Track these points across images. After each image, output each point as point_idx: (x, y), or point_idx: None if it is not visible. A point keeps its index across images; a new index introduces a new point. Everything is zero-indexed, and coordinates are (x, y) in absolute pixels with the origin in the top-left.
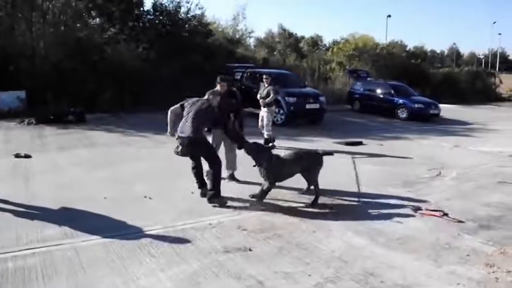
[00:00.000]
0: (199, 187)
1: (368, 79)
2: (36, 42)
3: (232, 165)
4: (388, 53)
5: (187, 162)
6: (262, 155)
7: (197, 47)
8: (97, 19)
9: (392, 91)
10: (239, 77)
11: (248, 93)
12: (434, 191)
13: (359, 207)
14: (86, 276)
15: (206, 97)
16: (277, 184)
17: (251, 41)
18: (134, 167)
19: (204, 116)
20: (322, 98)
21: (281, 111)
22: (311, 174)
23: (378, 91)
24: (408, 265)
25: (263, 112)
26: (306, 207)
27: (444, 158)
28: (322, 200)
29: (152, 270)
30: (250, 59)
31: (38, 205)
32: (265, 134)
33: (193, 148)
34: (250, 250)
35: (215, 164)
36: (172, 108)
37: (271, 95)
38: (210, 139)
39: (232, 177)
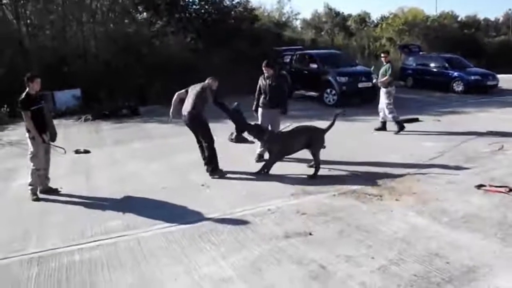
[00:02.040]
0: (205, 164)
1: (420, 53)
2: (87, 41)
3: None
4: (440, 25)
5: (242, 149)
6: (263, 132)
7: (244, 34)
8: (144, 13)
9: (446, 64)
10: (288, 60)
11: (299, 76)
12: (497, 166)
13: (419, 186)
14: (149, 266)
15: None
16: (333, 166)
17: (298, 23)
18: (189, 157)
19: (200, 96)
20: (374, 76)
21: (333, 92)
22: (311, 150)
23: (431, 65)
24: (474, 245)
25: (381, 94)
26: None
27: (506, 131)
28: (381, 179)
29: (213, 258)
30: (298, 41)
31: (99, 198)
32: (389, 117)
33: (193, 123)
34: (310, 234)
35: (210, 140)
36: (178, 92)
37: (388, 74)
38: (260, 119)
39: (262, 157)
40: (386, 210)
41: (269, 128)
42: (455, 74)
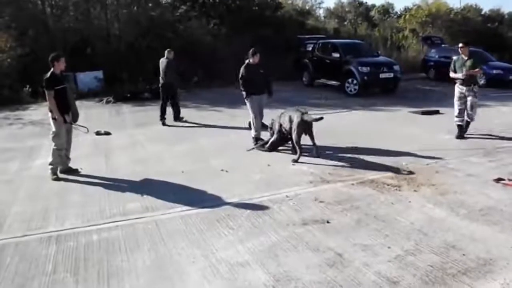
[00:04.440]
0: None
1: (443, 45)
2: (111, 23)
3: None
4: (463, 18)
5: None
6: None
7: (267, 21)
8: None
9: None
10: (310, 48)
11: (321, 65)
12: None
13: (438, 178)
14: (166, 248)
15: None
16: (351, 155)
17: (321, 12)
18: (210, 141)
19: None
20: (396, 67)
21: (354, 81)
22: (292, 134)
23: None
24: (492, 238)
25: (468, 94)
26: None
27: None
28: (400, 170)
29: (231, 242)
30: (320, 30)
31: (119, 180)
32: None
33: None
34: (328, 222)
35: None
36: None
37: (478, 67)
38: (249, 106)
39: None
40: (404, 200)
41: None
42: None
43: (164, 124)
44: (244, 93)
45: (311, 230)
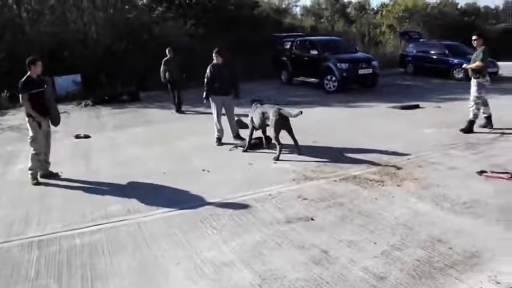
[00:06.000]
0: None
1: (421, 40)
2: (88, 27)
3: (234, 128)
4: (440, 12)
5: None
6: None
7: (244, 20)
8: None
9: (447, 51)
10: (288, 46)
11: (299, 62)
12: (498, 152)
13: (421, 172)
14: (150, 250)
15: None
16: (334, 152)
17: (298, 10)
18: (189, 142)
19: None
20: (374, 63)
21: (333, 78)
22: (271, 131)
23: (432, 52)
24: (477, 230)
25: (472, 85)
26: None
27: (507, 118)
28: (382, 165)
29: (215, 242)
30: (298, 28)
31: (100, 183)
32: (471, 111)
33: None
34: (312, 219)
35: None
36: None
37: (479, 59)
38: (212, 106)
39: (238, 137)
40: (388, 195)
41: (224, 113)
42: (456, 61)
43: (181, 112)
44: (204, 93)
45: (296, 228)
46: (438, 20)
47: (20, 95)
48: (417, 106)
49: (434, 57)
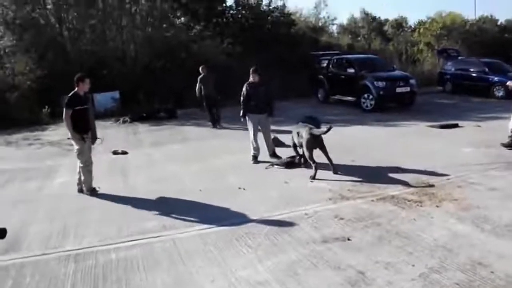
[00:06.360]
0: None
1: (459, 57)
2: (127, 45)
3: (270, 147)
4: (479, 29)
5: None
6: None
7: (281, 38)
8: (182, 18)
9: (486, 69)
10: (325, 64)
11: (336, 81)
12: None
13: (460, 192)
14: (185, 267)
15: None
16: (371, 171)
17: (334, 28)
18: (225, 160)
19: None
20: (412, 81)
21: (370, 96)
22: (304, 151)
23: (471, 69)
24: None
25: None
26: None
27: None
28: (421, 185)
29: (250, 261)
30: (334, 46)
31: (136, 199)
32: None
33: None
34: (348, 239)
35: None
36: None
37: None
38: (249, 124)
39: (274, 155)
40: (426, 216)
41: (261, 130)
42: (496, 79)
43: (219, 128)
44: (241, 111)
45: (332, 248)
46: (477, 37)
47: (64, 110)
48: (456, 125)
49: (473, 75)
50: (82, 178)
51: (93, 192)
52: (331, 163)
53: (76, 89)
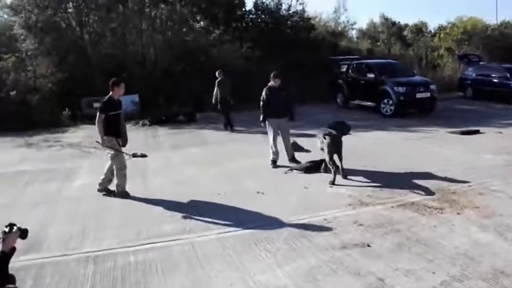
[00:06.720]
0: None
1: (480, 63)
2: (146, 49)
3: (290, 151)
4: (500, 34)
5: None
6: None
7: (300, 43)
8: (202, 22)
9: (508, 75)
10: (344, 69)
11: (355, 86)
12: None
13: (482, 200)
14: (203, 270)
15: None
16: (392, 177)
17: (354, 33)
18: (244, 164)
19: None
20: (432, 86)
21: (390, 102)
22: (324, 155)
23: (492, 75)
24: None
25: None
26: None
27: None
28: (441, 191)
29: (269, 265)
30: (354, 51)
31: (155, 201)
32: None
33: None
34: (368, 246)
35: None
36: None
37: None
38: (268, 129)
39: (293, 160)
40: (447, 223)
41: (280, 135)
42: None
43: (233, 131)
44: (261, 116)
45: (351, 254)
46: (499, 42)
47: (98, 114)
48: (477, 132)
49: (495, 80)
50: (116, 180)
51: (125, 195)
52: (341, 167)
53: (110, 93)
